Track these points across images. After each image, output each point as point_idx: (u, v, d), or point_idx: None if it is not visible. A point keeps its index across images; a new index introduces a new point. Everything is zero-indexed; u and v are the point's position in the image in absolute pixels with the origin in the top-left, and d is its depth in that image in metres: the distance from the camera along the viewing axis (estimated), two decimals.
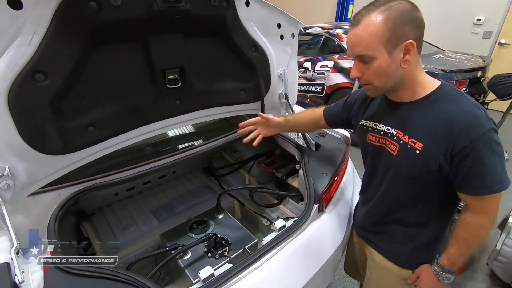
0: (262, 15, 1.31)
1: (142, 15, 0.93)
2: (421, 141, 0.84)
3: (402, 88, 0.87)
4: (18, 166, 0.89)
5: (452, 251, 0.92)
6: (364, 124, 1.03)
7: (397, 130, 0.91)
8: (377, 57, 0.79)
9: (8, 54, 0.79)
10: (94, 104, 0.99)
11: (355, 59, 0.85)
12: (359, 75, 0.86)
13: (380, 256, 1.10)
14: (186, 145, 1.70)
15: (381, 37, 0.77)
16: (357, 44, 0.80)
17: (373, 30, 0.77)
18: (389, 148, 0.93)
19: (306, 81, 4.14)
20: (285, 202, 1.72)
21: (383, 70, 0.81)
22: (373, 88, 0.87)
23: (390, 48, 0.78)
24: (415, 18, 0.78)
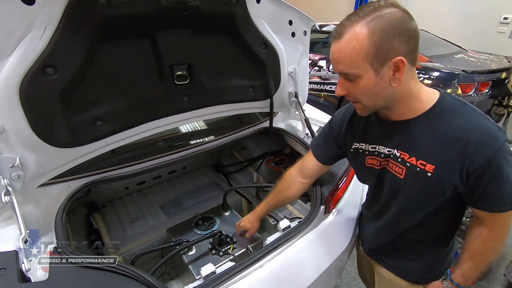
0: (273, 12, 1.29)
1: (150, 11, 0.94)
2: (431, 163, 0.76)
3: (397, 106, 0.78)
4: (28, 157, 0.92)
5: (466, 267, 0.86)
6: (358, 147, 0.94)
7: (400, 152, 0.82)
8: (363, 76, 0.71)
9: (21, 48, 0.81)
10: (102, 98, 1.00)
11: (339, 76, 0.76)
12: (344, 93, 0.77)
13: (389, 272, 1.06)
14: (196, 141, 1.71)
15: (366, 53, 0.67)
16: (339, 61, 0.72)
17: (356, 46, 0.67)
18: (393, 170, 0.85)
19: (321, 80, 4.07)
20: (292, 202, 1.70)
21: (370, 89, 0.72)
22: (362, 107, 0.79)
23: (376, 65, 0.69)
24: (406, 29, 0.68)
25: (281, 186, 1.18)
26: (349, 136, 0.98)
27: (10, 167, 0.88)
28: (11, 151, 0.88)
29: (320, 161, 1.11)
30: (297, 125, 1.72)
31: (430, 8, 4.96)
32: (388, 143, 0.85)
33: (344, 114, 1.01)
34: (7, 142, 0.87)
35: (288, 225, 1.20)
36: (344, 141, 1.00)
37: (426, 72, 3.20)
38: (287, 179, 1.18)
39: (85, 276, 0.82)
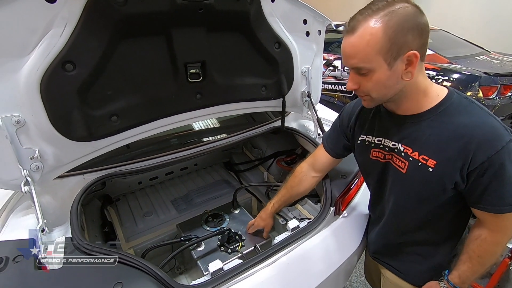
0: (288, 11, 1.28)
1: (166, 9, 0.95)
2: (433, 158, 0.77)
3: (404, 100, 0.79)
4: (47, 149, 0.95)
5: (463, 269, 0.86)
6: (365, 139, 0.95)
7: (404, 146, 0.83)
8: (376, 70, 0.71)
9: (42, 44, 0.85)
10: (118, 94, 1.03)
11: (351, 70, 0.77)
12: (355, 87, 0.78)
13: (394, 275, 1.05)
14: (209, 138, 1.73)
15: (380, 48, 0.68)
16: (352, 55, 0.72)
17: (370, 40, 0.68)
18: (396, 164, 0.86)
19: (335, 80, 4.02)
20: (302, 203, 1.69)
21: (382, 83, 0.73)
22: (370, 99, 0.80)
23: (390, 59, 0.69)
24: (419, 24, 0.69)
25: (293, 182, 1.20)
26: (357, 128, 0.99)
27: (30, 159, 0.92)
28: (31, 143, 0.92)
29: (331, 154, 1.12)
30: (309, 125, 1.71)
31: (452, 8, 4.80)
32: (394, 137, 0.86)
33: (354, 106, 1.02)
34: (27, 135, 0.90)
35: (297, 225, 1.19)
36: (352, 132, 1.01)
37: (445, 74, 3.11)
38: (298, 174, 1.19)
39: (96, 266, 0.84)
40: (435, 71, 3.17)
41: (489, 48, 3.88)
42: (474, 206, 0.79)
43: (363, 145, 0.95)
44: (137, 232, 1.56)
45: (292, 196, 1.22)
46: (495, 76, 2.95)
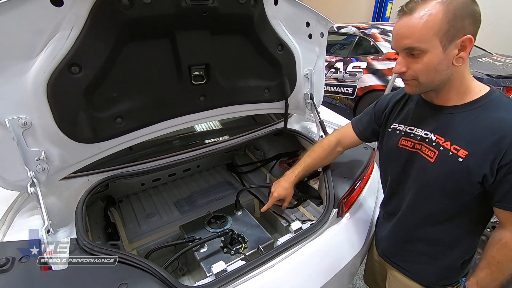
0: (291, 14, 1.29)
1: (171, 12, 0.96)
2: (465, 149, 0.77)
3: (447, 89, 0.80)
4: (52, 151, 0.96)
5: (482, 275, 0.84)
6: (396, 128, 0.96)
7: (437, 136, 0.83)
8: (430, 51, 0.72)
9: (49, 47, 0.86)
10: (122, 97, 1.04)
11: (401, 52, 0.77)
12: (404, 70, 0.78)
13: (403, 275, 1.04)
14: (211, 140, 1.74)
15: (438, 29, 0.70)
16: (408, 35, 0.73)
17: (429, 21, 0.70)
18: (425, 154, 0.86)
19: (337, 82, 4.04)
20: (305, 205, 1.70)
21: (433, 66, 0.74)
22: (416, 84, 0.80)
23: (445, 42, 0.71)
24: (475, 11, 0.71)
25: (322, 154, 1.22)
26: (391, 116, 1.01)
27: (36, 160, 0.93)
28: (37, 145, 0.93)
29: (359, 136, 1.17)
30: (311, 127, 1.72)
31: None
32: (426, 126, 0.87)
33: (393, 95, 1.05)
34: (33, 136, 0.91)
35: (300, 227, 1.20)
36: (385, 120, 1.03)
37: None
38: (327, 147, 1.21)
39: (101, 267, 0.85)
40: None
41: (491, 50, 3.88)
42: (499, 205, 0.78)
43: (393, 133, 0.97)
44: (140, 233, 1.56)
45: (317, 166, 1.26)
46: (497, 78, 2.95)
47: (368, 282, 1.43)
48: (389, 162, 1.02)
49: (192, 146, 1.46)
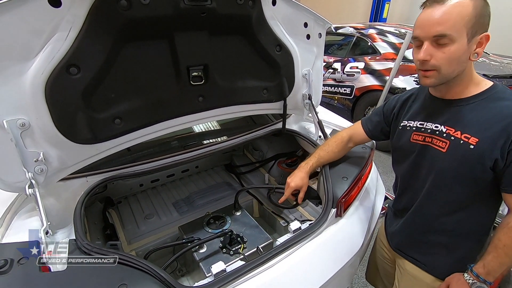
0: (289, 14, 1.30)
1: (169, 13, 0.96)
2: (475, 136, 0.81)
3: (458, 83, 0.85)
4: (51, 152, 0.96)
5: (489, 259, 0.85)
6: (407, 124, 1.00)
7: (447, 127, 0.88)
8: (457, 41, 0.76)
9: (47, 48, 0.85)
10: (121, 97, 1.04)
11: (428, 40, 0.79)
12: (427, 58, 0.80)
13: (413, 266, 1.05)
14: (210, 141, 1.74)
15: (468, 20, 0.74)
16: (441, 22, 0.75)
17: (462, 11, 0.74)
18: (436, 145, 0.89)
19: (335, 82, 4.05)
20: (304, 204, 1.70)
21: (457, 57, 0.77)
22: (435, 76, 0.82)
23: (470, 35, 0.75)
24: (489, 13, 0.77)
25: (335, 148, 1.27)
26: (400, 115, 1.05)
27: (34, 161, 0.92)
28: (35, 146, 0.93)
29: (368, 134, 1.21)
30: (310, 127, 1.72)
31: None
32: (436, 120, 0.91)
33: (399, 97, 1.10)
34: (32, 137, 0.91)
35: (299, 227, 1.20)
36: (395, 119, 1.08)
37: None
38: (340, 142, 1.27)
39: (100, 268, 0.85)
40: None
41: (488, 50, 3.91)
42: (507, 190, 0.81)
43: (404, 130, 1.00)
44: (139, 235, 1.56)
45: (330, 159, 1.30)
46: (494, 78, 2.97)
47: (370, 279, 1.44)
48: (402, 158, 1.04)
49: (190, 147, 1.46)
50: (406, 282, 1.10)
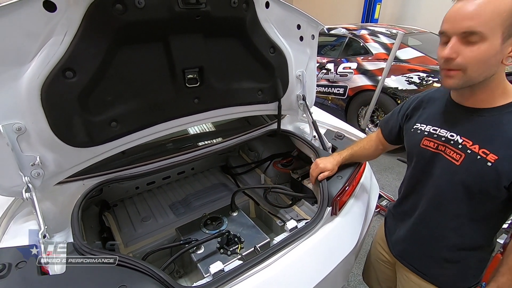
0: (282, 17, 1.32)
1: (164, 17, 0.97)
2: (495, 153, 0.74)
3: (484, 89, 0.76)
4: (47, 156, 0.96)
5: (503, 280, 0.83)
6: (419, 128, 0.94)
7: (464, 138, 0.81)
8: (489, 40, 0.67)
9: (43, 52, 0.86)
10: (117, 100, 1.04)
11: (457, 35, 0.70)
12: (453, 56, 0.71)
13: (418, 277, 1.03)
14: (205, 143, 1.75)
15: (504, 18, 0.65)
16: (472, 17, 0.66)
17: (500, 6, 0.65)
18: (449, 156, 0.84)
19: (328, 82, 4.08)
20: (299, 204, 1.72)
21: (487, 58, 0.68)
22: (460, 77, 0.73)
23: (506, 35, 0.66)
24: None
25: (367, 145, 1.24)
26: (413, 116, 0.99)
27: (31, 165, 0.92)
28: (31, 150, 0.93)
29: (386, 138, 1.16)
30: (304, 127, 1.74)
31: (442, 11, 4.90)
32: (452, 128, 0.84)
33: (416, 96, 1.03)
34: (28, 142, 0.91)
35: (295, 226, 1.22)
36: (407, 121, 1.01)
37: (435, 75, 3.19)
38: (373, 142, 1.23)
39: (99, 270, 0.85)
40: (425, 72, 3.25)
41: None
42: None
43: (415, 133, 0.94)
44: (136, 237, 1.56)
45: (362, 156, 1.28)
46: None
47: (368, 281, 1.43)
48: (410, 161, 1.00)
49: (187, 149, 1.47)
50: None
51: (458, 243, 0.91)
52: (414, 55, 3.43)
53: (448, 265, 0.95)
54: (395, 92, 3.41)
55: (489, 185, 0.77)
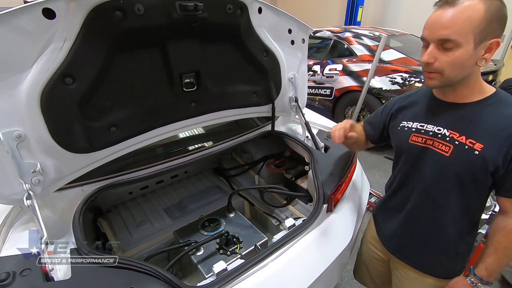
0: (274, 21, 1.36)
1: (163, 23, 0.99)
2: (481, 142, 0.82)
3: (464, 87, 0.85)
4: (47, 163, 0.96)
5: (490, 261, 0.89)
6: (406, 125, 1.00)
7: (451, 131, 0.88)
8: (463, 46, 0.74)
9: (42, 59, 0.86)
10: (116, 105, 1.05)
11: (434, 42, 0.78)
12: (431, 61, 0.79)
13: (415, 270, 1.07)
14: (199, 145, 1.77)
15: (476, 26, 0.72)
16: (447, 26, 0.74)
17: (471, 16, 0.72)
18: (438, 149, 0.90)
19: (315, 84, 4.17)
20: (293, 203, 1.76)
21: (462, 62, 0.76)
22: (439, 78, 0.82)
23: (478, 41, 0.74)
24: (505, 15, 0.75)
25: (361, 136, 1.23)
26: (399, 115, 1.05)
27: (31, 172, 0.92)
28: (31, 157, 0.92)
29: (367, 137, 1.21)
30: (297, 128, 1.79)
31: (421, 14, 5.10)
32: (439, 123, 0.91)
33: (398, 97, 1.09)
34: (28, 149, 0.91)
35: (293, 224, 1.25)
36: (393, 120, 1.07)
37: (417, 76, 3.33)
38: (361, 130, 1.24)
39: (105, 274, 0.86)
40: (407, 73, 3.38)
41: None
42: (506, 194, 0.85)
43: (402, 130, 1.00)
44: (132, 242, 1.55)
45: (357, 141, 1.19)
46: None
47: (360, 279, 1.46)
48: (399, 157, 1.05)
49: (183, 153, 1.48)
50: (409, 283, 1.12)
51: (451, 231, 0.96)
52: (396, 56, 3.57)
53: (442, 253, 1.00)
54: (379, 92, 3.53)
55: (479, 172, 0.84)
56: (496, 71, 3.49)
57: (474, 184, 0.87)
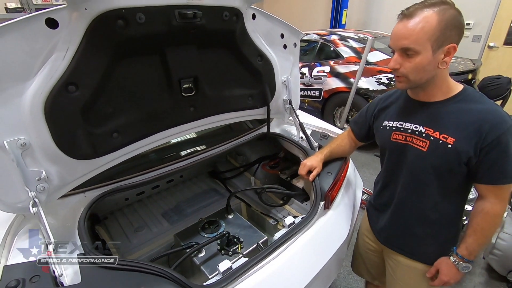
0: (267, 27, 1.41)
1: (162, 31, 1.02)
2: (452, 136, 0.90)
3: (432, 87, 0.93)
4: (52, 170, 0.96)
5: (470, 241, 0.97)
6: (387, 124, 1.08)
7: (426, 128, 0.96)
8: (422, 53, 0.84)
9: (46, 68, 0.88)
10: (118, 112, 1.07)
11: (397, 51, 0.89)
12: (397, 67, 0.89)
13: (406, 258, 1.13)
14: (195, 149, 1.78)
15: (431, 35, 0.81)
16: (406, 36, 0.84)
17: (425, 27, 0.81)
18: (416, 145, 0.98)
19: (304, 86, 4.25)
20: (290, 203, 1.80)
21: (422, 67, 0.86)
22: (406, 81, 0.91)
23: (435, 47, 0.83)
24: (461, 24, 0.84)
25: (342, 142, 1.40)
26: (380, 116, 1.13)
27: (36, 180, 0.92)
28: (36, 165, 0.93)
29: (355, 136, 1.31)
30: (291, 129, 1.84)
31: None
32: (415, 120, 0.99)
33: (380, 98, 1.18)
34: (32, 156, 0.91)
35: (293, 222, 1.29)
36: (376, 120, 1.16)
37: None
38: (347, 140, 1.39)
39: (114, 277, 0.87)
40: (391, 73, 3.50)
41: None
42: (480, 181, 0.93)
43: (385, 129, 1.08)
44: (131, 248, 1.55)
45: (340, 151, 1.42)
46: None
47: (357, 271, 1.52)
48: (384, 155, 1.13)
49: (183, 156, 1.50)
50: (401, 272, 1.18)
51: (435, 219, 1.04)
52: (381, 57, 3.69)
53: (430, 241, 1.07)
54: (366, 93, 3.64)
55: (453, 163, 0.92)
56: (475, 70, 3.65)
57: (450, 174, 0.95)
